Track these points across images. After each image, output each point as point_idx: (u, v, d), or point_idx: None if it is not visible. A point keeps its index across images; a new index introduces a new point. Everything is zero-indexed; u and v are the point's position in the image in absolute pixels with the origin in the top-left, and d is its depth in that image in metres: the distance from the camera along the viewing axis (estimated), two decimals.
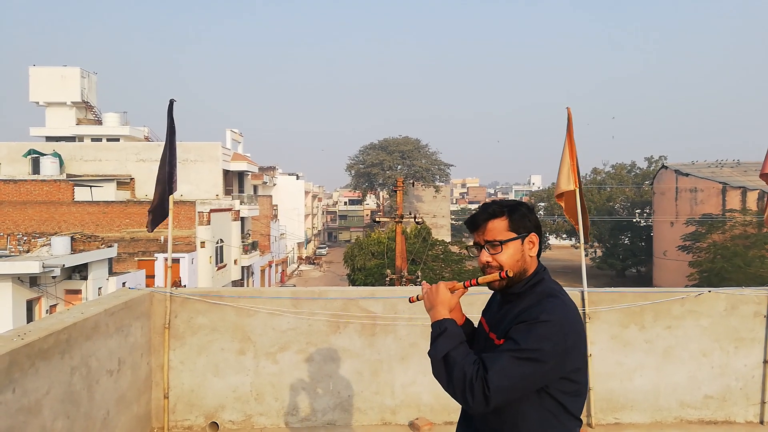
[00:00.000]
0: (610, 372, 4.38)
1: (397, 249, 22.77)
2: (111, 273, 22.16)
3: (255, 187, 44.28)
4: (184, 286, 5.45)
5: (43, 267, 17.77)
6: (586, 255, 6.10)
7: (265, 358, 4.31)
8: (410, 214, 24.02)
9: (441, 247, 33.26)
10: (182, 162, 29.33)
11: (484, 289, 1.87)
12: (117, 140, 36.26)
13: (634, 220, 51.97)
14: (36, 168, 29.76)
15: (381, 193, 67.37)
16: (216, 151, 32.70)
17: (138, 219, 26.82)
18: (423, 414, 4.35)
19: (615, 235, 50.68)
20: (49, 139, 35.49)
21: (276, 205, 46.68)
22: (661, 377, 4.38)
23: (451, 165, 62.70)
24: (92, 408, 3.32)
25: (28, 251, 21.60)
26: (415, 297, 2.04)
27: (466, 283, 1.89)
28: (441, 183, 63.40)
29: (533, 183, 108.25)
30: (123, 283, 20.81)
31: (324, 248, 74.53)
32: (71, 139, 36.22)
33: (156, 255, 26.05)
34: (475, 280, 1.83)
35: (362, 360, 4.35)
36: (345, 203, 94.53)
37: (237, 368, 4.30)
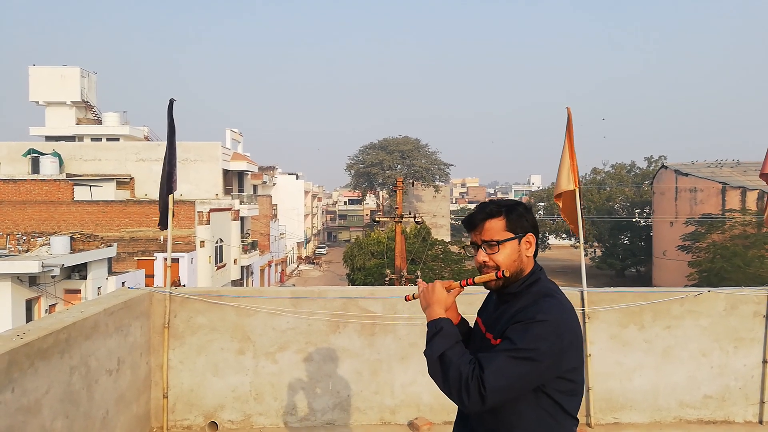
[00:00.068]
0: (610, 372, 4.38)
1: (397, 249, 22.77)
2: (110, 272, 22.16)
3: (255, 187, 44.28)
4: (184, 286, 5.45)
5: (43, 266, 17.78)
6: (586, 255, 6.10)
7: (265, 358, 4.31)
8: (410, 214, 24.03)
9: (440, 247, 33.32)
10: (182, 161, 29.34)
11: (484, 289, 1.87)
12: (117, 140, 36.27)
13: (634, 220, 51.96)
14: (36, 167, 29.77)
15: (381, 193, 67.29)
16: (216, 151, 32.71)
17: (137, 219, 26.82)
18: (422, 414, 4.35)
19: (614, 235, 50.68)
20: (49, 139, 35.52)
21: (276, 205, 46.69)
22: (661, 377, 4.39)
23: (451, 165, 62.66)
24: (91, 408, 3.32)
25: (28, 251, 21.60)
26: (411, 295, 2.03)
27: (462, 283, 1.88)
28: (441, 183, 63.30)
29: (533, 183, 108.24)
30: (122, 283, 20.82)
31: (323, 248, 74.44)
32: (71, 139, 36.23)
33: (155, 254, 26.06)
34: (472, 280, 1.83)
35: (362, 360, 4.35)
36: (345, 203, 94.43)
37: (236, 368, 4.30)
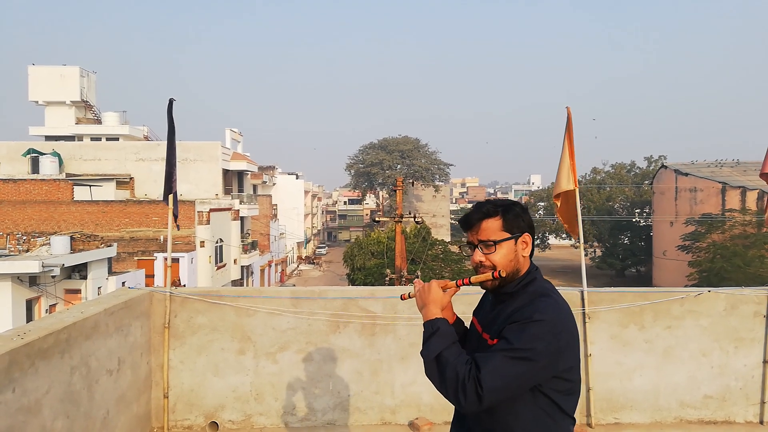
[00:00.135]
0: (610, 372, 4.38)
1: (397, 249, 22.77)
2: (110, 272, 22.16)
3: (254, 187, 44.28)
4: (184, 286, 5.45)
5: (43, 266, 17.77)
6: (586, 255, 6.10)
7: (265, 358, 4.31)
8: (410, 214, 24.05)
9: (440, 247, 33.35)
10: (182, 161, 29.35)
11: (480, 289, 1.87)
12: (116, 139, 36.26)
13: (634, 220, 51.94)
14: (35, 167, 29.76)
15: (381, 193, 67.28)
16: (215, 151, 32.70)
17: (137, 218, 26.82)
18: (423, 414, 4.35)
19: (614, 235, 50.67)
20: (49, 139, 35.50)
21: (275, 205, 46.67)
22: (661, 377, 4.38)
23: (451, 165, 62.64)
24: (92, 407, 3.32)
25: (28, 251, 21.60)
26: (407, 294, 2.03)
27: (459, 282, 1.88)
28: (440, 183, 63.27)
29: (533, 182, 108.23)
30: (122, 283, 20.82)
31: (323, 248, 74.43)
32: (70, 139, 36.22)
33: (155, 254, 26.06)
34: (468, 280, 1.83)
35: (362, 360, 4.35)
36: (344, 203, 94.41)
37: (237, 368, 4.30)
